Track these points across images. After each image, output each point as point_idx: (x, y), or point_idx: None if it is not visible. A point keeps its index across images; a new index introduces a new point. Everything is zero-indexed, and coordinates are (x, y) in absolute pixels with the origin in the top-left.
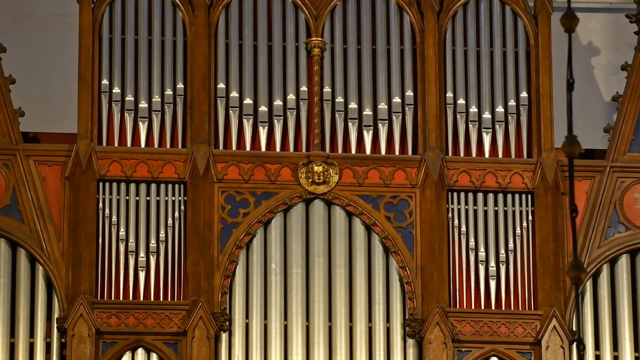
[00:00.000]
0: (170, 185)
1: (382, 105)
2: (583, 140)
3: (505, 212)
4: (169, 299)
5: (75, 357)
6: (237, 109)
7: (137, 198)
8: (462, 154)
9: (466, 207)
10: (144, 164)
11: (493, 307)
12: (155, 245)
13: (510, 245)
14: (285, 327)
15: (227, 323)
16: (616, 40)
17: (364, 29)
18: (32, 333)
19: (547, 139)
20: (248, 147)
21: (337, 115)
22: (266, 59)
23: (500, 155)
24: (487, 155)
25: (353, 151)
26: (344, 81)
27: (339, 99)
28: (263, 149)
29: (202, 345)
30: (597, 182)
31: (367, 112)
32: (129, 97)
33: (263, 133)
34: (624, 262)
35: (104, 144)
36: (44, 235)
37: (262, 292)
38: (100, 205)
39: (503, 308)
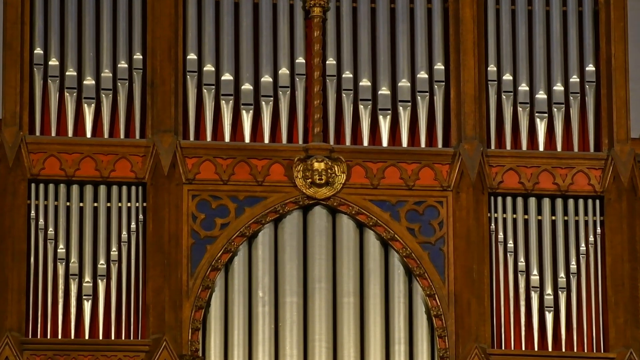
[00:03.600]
0: (124, 188)
1: (404, 83)
2: None
3: (566, 223)
4: (123, 337)
5: None
6: (213, 87)
7: (81, 204)
8: (508, 147)
9: (514, 216)
10: (90, 160)
11: (550, 349)
12: (104, 266)
13: (573, 266)
14: None
15: None
16: None
17: None
18: None
19: (621, 126)
20: (227, 138)
21: (344, 95)
22: (251, 22)
23: (559, 148)
24: (541, 148)
25: (365, 143)
26: (352, 51)
27: (347, 74)
28: (247, 140)
29: None
30: None
31: (384, 91)
32: (70, 72)
33: (247, 119)
34: None
35: (38, 132)
36: None
37: (246, 328)
38: (33, 213)
39: (563, 350)
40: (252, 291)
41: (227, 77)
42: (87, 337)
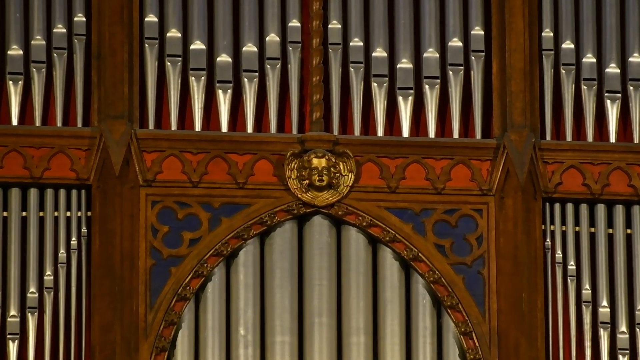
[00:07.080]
0: (63, 192)
1: (430, 53)
2: None
3: None
4: None
5: None
6: (179, 59)
7: (5, 214)
8: (569, 137)
9: (576, 228)
10: (17, 155)
11: None
12: (36, 295)
13: None
14: None
15: None
16: None
17: None
18: None
19: None
20: (198, 126)
21: (351, 69)
22: None
23: (635, 140)
24: (612, 139)
25: (379, 132)
26: (362, 12)
27: (356, 42)
28: (224, 128)
29: None
30: None
31: (404, 64)
32: None
33: (224, 101)
34: None
35: None
36: None
37: None
38: None
39: None
40: (231, 328)
41: (197, 45)
42: None
